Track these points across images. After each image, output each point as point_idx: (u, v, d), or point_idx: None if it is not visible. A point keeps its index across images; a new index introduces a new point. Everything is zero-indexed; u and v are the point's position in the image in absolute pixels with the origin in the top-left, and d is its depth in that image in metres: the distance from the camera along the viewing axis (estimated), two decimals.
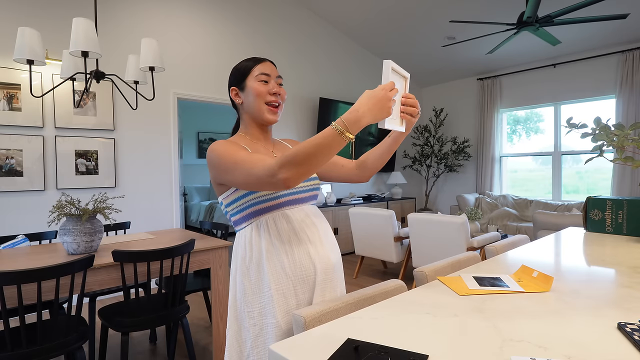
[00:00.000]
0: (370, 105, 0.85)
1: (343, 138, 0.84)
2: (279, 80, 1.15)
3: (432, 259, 3.49)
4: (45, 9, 3.35)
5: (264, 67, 1.12)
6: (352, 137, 0.84)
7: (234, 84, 1.16)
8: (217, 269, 2.27)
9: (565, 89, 5.44)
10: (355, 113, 0.84)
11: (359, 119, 0.84)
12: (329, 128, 0.84)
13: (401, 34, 5.45)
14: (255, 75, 1.11)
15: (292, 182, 0.87)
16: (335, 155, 0.89)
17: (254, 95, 1.11)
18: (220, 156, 1.00)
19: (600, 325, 0.77)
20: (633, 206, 1.77)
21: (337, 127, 0.83)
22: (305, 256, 1.05)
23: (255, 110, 1.12)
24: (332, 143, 0.84)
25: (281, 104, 1.14)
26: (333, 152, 0.86)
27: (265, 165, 0.90)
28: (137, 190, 3.85)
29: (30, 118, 3.25)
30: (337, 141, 0.84)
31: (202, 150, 8.18)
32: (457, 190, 6.79)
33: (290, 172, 0.86)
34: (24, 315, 1.52)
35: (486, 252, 1.57)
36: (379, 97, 0.85)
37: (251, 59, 1.15)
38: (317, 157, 0.85)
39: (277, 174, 0.87)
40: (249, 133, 1.17)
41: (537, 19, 3.51)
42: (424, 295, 0.97)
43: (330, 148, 0.84)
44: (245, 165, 0.95)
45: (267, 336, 1.02)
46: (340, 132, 0.83)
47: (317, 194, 1.18)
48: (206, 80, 4.36)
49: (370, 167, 1.19)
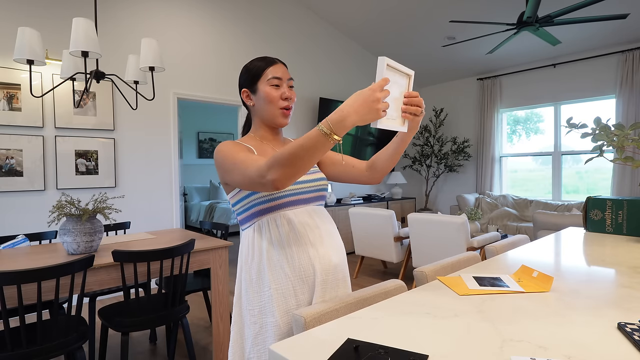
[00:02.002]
0: (355, 106, 0.80)
1: (329, 140, 0.80)
2: (290, 83, 1.13)
3: (432, 259, 3.49)
4: (45, 9, 3.35)
5: (276, 70, 1.11)
6: (338, 138, 0.81)
7: (245, 86, 1.14)
8: (217, 269, 2.27)
9: (565, 89, 5.43)
10: (340, 113, 0.80)
11: (343, 120, 0.80)
12: (315, 129, 0.81)
13: (401, 34, 5.45)
14: (267, 79, 1.10)
15: (280, 183, 0.86)
16: (323, 156, 0.85)
17: (267, 101, 1.10)
18: (223, 157, 1.01)
19: (600, 325, 0.77)
20: (633, 206, 1.77)
21: (322, 129, 0.80)
22: (305, 257, 1.05)
23: (268, 115, 1.12)
24: (317, 145, 0.81)
25: (292, 107, 1.14)
26: (319, 153, 0.83)
27: (256, 167, 0.90)
28: (137, 190, 3.85)
29: (30, 118, 3.25)
30: (322, 142, 0.81)
31: (202, 150, 8.18)
32: (457, 190, 6.79)
33: (277, 173, 0.84)
34: (24, 315, 1.52)
35: (486, 252, 1.57)
36: (365, 98, 0.79)
37: (263, 59, 1.13)
38: (303, 159, 0.83)
39: (266, 175, 0.86)
40: (258, 134, 1.17)
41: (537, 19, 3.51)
42: (424, 295, 0.97)
43: (316, 150, 0.82)
44: (242, 166, 0.95)
45: (267, 335, 1.03)
46: (326, 134, 0.80)
47: (323, 194, 1.17)
48: (206, 80, 4.35)
49: (380, 169, 1.15)
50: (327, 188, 1.19)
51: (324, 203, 1.21)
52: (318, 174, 1.18)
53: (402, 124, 0.95)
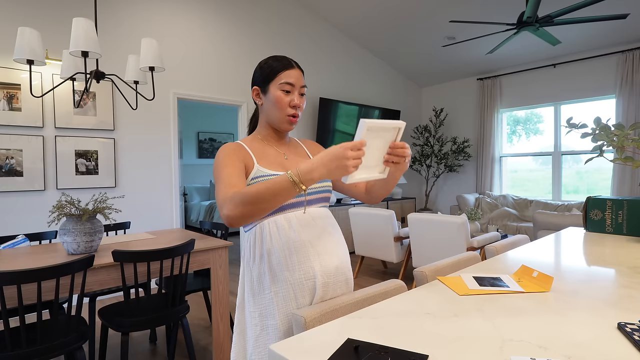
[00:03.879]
0: (325, 160, 0.83)
1: (295, 188, 0.84)
2: (302, 90, 1.11)
3: (432, 259, 3.49)
4: (45, 9, 3.35)
5: (290, 76, 1.09)
6: (304, 188, 0.85)
7: (256, 84, 1.13)
8: (217, 269, 2.27)
9: (565, 89, 5.44)
10: (310, 165, 0.84)
11: (311, 172, 0.84)
12: (284, 175, 0.85)
13: (401, 34, 5.45)
14: (279, 83, 1.08)
15: (233, 220, 0.87)
16: (285, 201, 0.89)
17: (275, 105, 1.09)
18: (215, 165, 1.04)
19: (600, 325, 0.77)
20: (633, 206, 1.77)
21: (292, 177, 0.84)
22: (305, 259, 1.05)
23: (274, 118, 1.12)
24: (283, 191, 0.85)
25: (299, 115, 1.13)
26: (282, 199, 0.86)
27: (223, 194, 0.92)
28: (137, 190, 3.85)
29: (30, 118, 3.25)
30: (288, 190, 0.85)
31: (202, 150, 8.19)
32: (457, 190, 6.79)
33: (235, 210, 0.87)
34: (24, 315, 1.52)
35: (486, 252, 1.57)
36: (335, 154, 0.82)
37: (280, 60, 1.11)
38: (266, 201, 0.86)
39: (223, 208, 0.88)
40: (262, 133, 1.17)
41: (537, 19, 3.51)
42: (424, 295, 0.97)
43: (281, 195, 0.85)
44: (220, 185, 0.97)
45: (268, 337, 1.03)
46: (294, 182, 0.84)
47: (327, 196, 1.17)
48: (206, 80, 4.35)
49: (375, 196, 1.19)
50: (330, 190, 1.19)
51: (328, 205, 1.20)
52: None
53: (382, 172, 0.96)
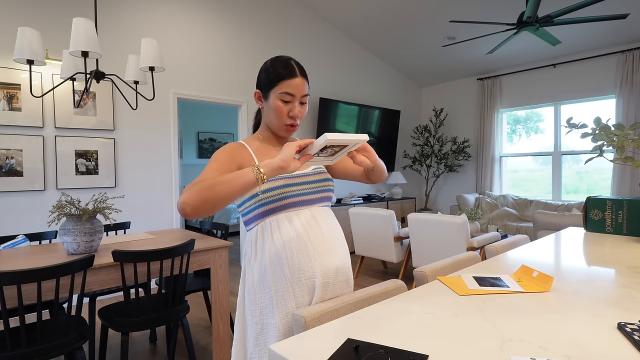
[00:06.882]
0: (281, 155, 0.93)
1: (253, 171, 0.91)
2: (303, 100, 1.10)
3: (432, 259, 3.49)
4: (45, 9, 3.35)
5: (291, 85, 1.07)
6: (262, 172, 0.91)
7: (259, 87, 1.13)
8: (217, 269, 2.27)
9: (565, 89, 5.44)
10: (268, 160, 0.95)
11: (270, 163, 0.93)
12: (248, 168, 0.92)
13: (401, 34, 5.45)
14: (279, 92, 1.07)
15: (187, 206, 0.86)
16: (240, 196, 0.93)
17: (273, 113, 1.09)
18: (209, 162, 1.05)
19: (600, 325, 0.77)
20: (633, 206, 1.77)
21: (253, 166, 0.92)
22: (305, 259, 1.04)
23: (272, 124, 1.13)
24: (242, 177, 0.90)
25: (298, 124, 1.13)
26: (240, 184, 0.90)
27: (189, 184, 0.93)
28: (137, 190, 3.85)
29: (30, 118, 3.25)
30: (246, 173, 0.91)
31: (202, 150, 8.19)
32: (457, 190, 6.79)
33: (190, 197, 0.87)
34: (24, 315, 1.52)
35: (486, 252, 1.57)
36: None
37: (285, 66, 1.08)
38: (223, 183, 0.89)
39: (181, 195, 0.89)
40: (264, 134, 1.18)
41: (537, 19, 3.51)
42: (424, 296, 0.97)
43: (239, 177, 0.90)
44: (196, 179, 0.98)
45: (268, 336, 1.03)
46: (254, 168, 0.92)
47: (329, 195, 1.17)
48: (206, 80, 4.35)
49: (372, 179, 1.26)
50: (332, 189, 1.19)
51: (330, 204, 1.20)
52: (324, 175, 1.18)
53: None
